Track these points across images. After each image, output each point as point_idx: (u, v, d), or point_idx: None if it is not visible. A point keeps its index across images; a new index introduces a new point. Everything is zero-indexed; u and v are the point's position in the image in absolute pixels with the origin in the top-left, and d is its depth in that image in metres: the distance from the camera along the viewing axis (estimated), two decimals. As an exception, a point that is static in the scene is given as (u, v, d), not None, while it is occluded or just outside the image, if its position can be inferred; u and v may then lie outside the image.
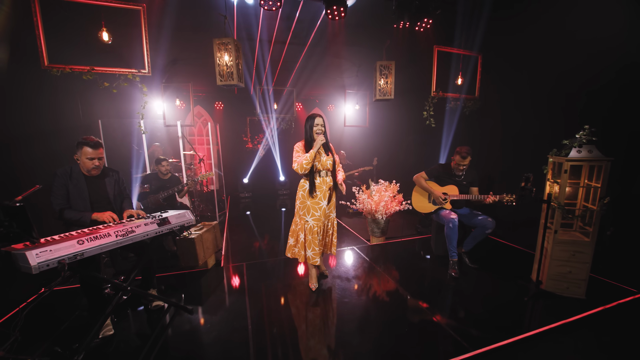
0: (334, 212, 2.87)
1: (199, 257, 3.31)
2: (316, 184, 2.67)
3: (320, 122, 2.61)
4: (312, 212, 2.68)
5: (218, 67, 3.06)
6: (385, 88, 4.07)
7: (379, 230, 4.10)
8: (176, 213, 2.54)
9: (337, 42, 4.55)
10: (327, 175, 2.71)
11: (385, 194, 3.94)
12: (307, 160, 2.53)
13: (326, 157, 2.68)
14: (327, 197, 2.71)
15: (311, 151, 2.54)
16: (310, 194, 2.64)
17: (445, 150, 4.69)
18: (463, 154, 3.22)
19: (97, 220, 2.39)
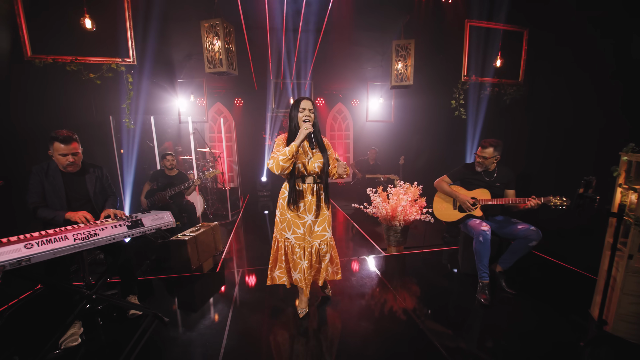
0: (328, 231, 2.19)
1: (191, 260, 3.07)
2: (298, 192, 2.12)
3: (309, 107, 2.05)
4: (292, 228, 2.14)
5: (207, 52, 2.78)
6: (403, 72, 3.48)
7: (396, 239, 3.56)
8: (153, 215, 2.29)
9: (352, 26, 4.07)
10: (314, 180, 2.13)
11: (404, 197, 3.39)
12: (285, 157, 1.91)
13: (313, 157, 2.10)
14: (315, 211, 2.13)
15: (292, 144, 1.92)
16: (288, 205, 2.10)
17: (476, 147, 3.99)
18: (483, 144, 2.68)
19: (71, 220, 2.21)
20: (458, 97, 3.67)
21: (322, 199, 2.17)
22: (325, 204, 2.19)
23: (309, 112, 2.05)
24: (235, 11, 3.80)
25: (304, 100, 2.06)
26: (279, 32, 4.41)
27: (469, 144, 3.90)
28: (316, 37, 4.70)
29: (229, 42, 2.86)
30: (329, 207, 2.22)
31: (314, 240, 2.18)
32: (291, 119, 2.11)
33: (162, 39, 3.46)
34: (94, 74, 2.72)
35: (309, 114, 2.05)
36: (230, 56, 2.86)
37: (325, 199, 2.19)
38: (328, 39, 4.80)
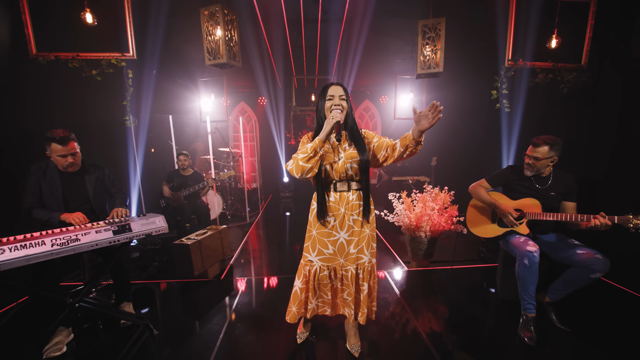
0: (367, 254, 1.70)
1: (194, 266, 2.90)
2: (329, 203, 1.68)
3: (338, 93, 1.62)
4: (318, 248, 1.70)
5: (206, 43, 2.57)
6: (432, 58, 2.97)
7: (421, 252, 3.10)
8: (143, 219, 2.12)
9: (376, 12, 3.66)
10: (350, 187, 1.66)
11: (431, 205, 2.93)
12: (306, 155, 1.49)
13: (345, 156, 1.62)
14: (347, 226, 1.68)
15: (316, 138, 1.52)
16: (318, 218, 1.68)
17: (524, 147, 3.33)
18: (535, 141, 2.13)
19: (66, 222, 2.13)
20: (500, 86, 3.07)
21: (360, 211, 1.68)
22: (365, 218, 1.68)
23: (339, 99, 1.61)
24: (249, 3, 3.59)
25: (331, 87, 1.64)
26: (297, 23, 4.13)
27: (513, 143, 3.26)
28: (338, 27, 4.34)
29: (232, 30, 2.63)
30: (370, 221, 1.71)
31: (349, 265, 1.70)
32: (318, 111, 1.70)
33: (180, 37, 3.36)
34: (95, 70, 2.67)
35: (339, 101, 1.60)
36: (232, 46, 2.63)
37: (365, 210, 1.68)
38: (351, 29, 4.43)
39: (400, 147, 1.54)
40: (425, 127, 1.42)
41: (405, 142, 1.53)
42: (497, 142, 3.36)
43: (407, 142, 1.53)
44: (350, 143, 1.67)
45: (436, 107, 1.39)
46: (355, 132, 1.68)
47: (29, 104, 2.80)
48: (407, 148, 1.52)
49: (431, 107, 1.40)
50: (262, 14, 3.86)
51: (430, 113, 1.41)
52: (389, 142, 1.64)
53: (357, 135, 1.67)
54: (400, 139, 1.58)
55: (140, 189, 3.38)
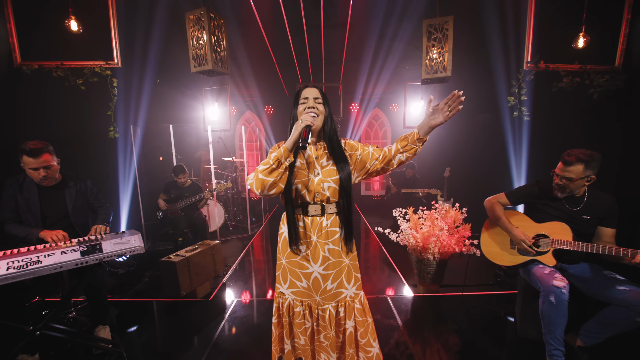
0: (349, 288, 1.42)
1: (181, 285, 2.71)
2: (299, 229, 1.40)
3: (313, 95, 1.37)
4: (289, 279, 1.44)
5: (192, 49, 2.42)
6: (438, 61, 2.68)
7: (429, 276, 2.79)
8: (117, 238, 1.95)
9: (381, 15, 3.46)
10: (324, 211, 1.39)
11: (440, 224, 2.62)
12: (266, 167, 1.22)
13: (322, 173, 1.36)
14: (321, 258, 1.39)
15: (282, 146, 1.26)
16: (290, 246, 1.42)
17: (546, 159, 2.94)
18: (567, 158, 1.78)
19: (45, 240, 1.98)
20: (518, 91, 2.74)
21: (339, 239, 1.40)
22: (346, 245, 1.42)
23: (313, 101, 1.36)
24: (248, 9, 3.47)
25: (306, 89, 1.39)
26: (300, 29, 3.98)
27: (534, 155, 2.90)
28: (342, 33, 4.16)
29: (219, 35, 2.48)
30: (351, 250, 1.44)
31: (326, 303, 1.41)
32: (291, 119, 1.43)
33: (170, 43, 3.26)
34: (80, 80, 2.58)
35: (314, 104, 1.35)
36: (218, 52, 2.47)
37: (346, 238, 1.41)
38: (356, 35, 4.24)
39: (399, 147, 1.32)
40: (439, 122, 1.24)
41: (406, 142, 1.31)
42: (515, 153, 3.00)
43: (408, 141, 1.31)
44: (329, 157, 1.40)
45: (457, 96, 1.21)
46: (335, 143, 1.40)
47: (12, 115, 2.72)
48: (408, 149, 1.31)
49: (451, 96, 1.21)
50: (262, 20, 3.73)
51: (447, 106, 1.22)
52: (379, 149, 1.42)
53: (337, 148, 1.40)
54: (400, 139, 1.35)
55: (130, 202, 3.25)
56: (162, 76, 4.13)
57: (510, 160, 3.06)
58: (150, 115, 3.95)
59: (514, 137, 2.88)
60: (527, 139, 2.85)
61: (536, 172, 3.04)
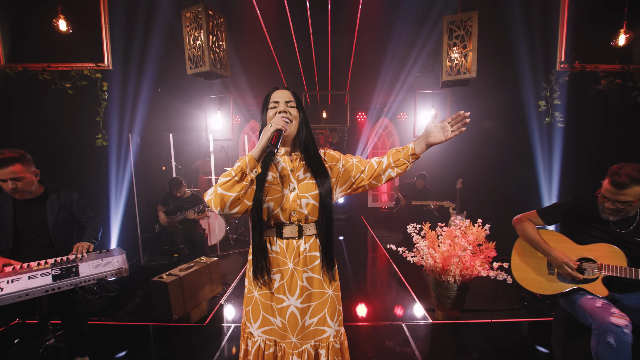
0: (332, 325, 1.19)
1: (173, 308, 2.45)
2: (271, 255, 1.18)
3: (284, 98, 1.19)
4: (262, 315, 1.19)
5: (188, 49, 2.24)
6: (461, 62, 2.43)
7: (449, 300, 2.49)
8: (97, 259, 1.72)
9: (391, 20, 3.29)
10: (301, 232, 1.17)
11: (461, 242, 2.35)
12: (227, 179, 1.01)
13: (299, 188, 1.17)
14: (299, 288, 1.17)
15: (250, 153, 1.06)
16: (255, 276, 1.18)
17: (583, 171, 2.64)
18: (620, 180, 1.49)
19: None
20: (549, 95, 2.49)
21: (319, 265, 1.19)
22: (327, 273, 1.20)
23: (284, 105, 1.18)
24: (252, 13, 3.32)
25: (275, 92, 1.21)
26: (306, 34, 3.82)
27: (567, 165, 2.60)
28: (350, 38, 4.00)
29: (218, 34, 2.30)
30: (333, 279, 1.22)
31: (304, 343, 1.18)
32: (261, 125, 1.24)
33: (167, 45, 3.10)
34: (69, 83, 2.42)
35: (286, 107, 1.17)
36: (217, 52, 2.29)
37: (328, 264, 1.19)
38: (365, 40, 4.07)
39: (391, 161, 1.18)
40: (438, 141, 1.15)
41: (399, 156, 1.17)
42: (546, 164, 2.71)
43: (401, 155, 1.16)
44: (307, 169, 1.21)
45: (463, 117, 1.13)
46: (312, 153, 1.22)
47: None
48: (400, 164, 1.18)
49: (456, 116, 1.13)
50: (266, 25, 3.58)
51: (450, 125, 1.14)
52: (364, 161, 1.26)
53: (316, 158, 1.22)
54: (392, 153, 1.19)
55: (123, 215, 3.02)
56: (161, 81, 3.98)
57: (539, 173, 2.76)
58: (148, 122, 3.78)
59: (545, 146, 2.60)
60: (560, 149, 2.55)
61: (570, 185, 2.74)
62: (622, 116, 2.47)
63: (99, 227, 2.16)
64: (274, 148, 1.01)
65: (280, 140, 1.04)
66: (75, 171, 2.77)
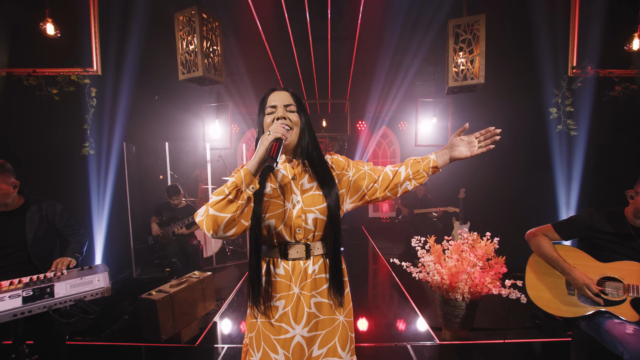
0: (343, 354, 1.04)
1: (161, 328, 2.28)
2: (274, 279, 1.04)
3: (283, 101, 1.04)
4: (263, 347, 1.04)
5: (180, 54, 2.15)
6: (467, 67, 2.32)
7: (457, 320, 2.33)
8: (77, 278, 1.58)
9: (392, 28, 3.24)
10: (309, 252, 1.03)
11: (469, 257, 2.20)
12: (219, 198, 0.86)
13: (303, 200, 1.02)
14: (306, 315, 1.01)
15: (245, 166, 0.90)
16: (255, 303, 1.03)
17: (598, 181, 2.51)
18: None
19: None
20: (562, 101, 2.38)
21: (327, 289, 1.05)
22: (336, 297, 1.05)
23: (283, 109, 1.03)
24: (251, 20, 3.27)
25: (272, 94, 1.06)
26: (306, 42, 3.76)
27: (583, 176, 2.47)
28: (350, 46, 3.94)
29: (212, 39, 2.21)
30: (342, 303, 1.07)
31: None
32: (257, 133, 1.10)
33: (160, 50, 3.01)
34: (56, 89, 2.32)
35: (285, 112, 1.03)
36: (212, 57, 2.19)
37: (337, 287, 1.04)
38: (365, 48, 4.02)
39: (410, 173, 1.06)
40: (463, 156, 1.05)
41: (419, 167, 1.06)
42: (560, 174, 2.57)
43: (421, 167, 1.06)
44: (312, 177, 1.06)
45: (493, 133, 1.05)
46: (316, 161, 1.07)
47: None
48: (419, 176, 1.07)
49: (485, 131, 1.06)
50: (265, 32, 3.52)
51: (477, 140, 1.05)
52: (378, 169, 1.12)
53: (321, 165, 1.07)
54: (410, 163, 1.09)
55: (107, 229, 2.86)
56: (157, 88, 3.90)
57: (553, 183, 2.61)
58: (143, 130, 3.69)
59: (557, 155, 2.47)
60: (575, 158, 2.40)
61: (588, 197, 2.60)
62: (637, 123, 2.36)
63: (84, 241, 2.03)
64: (273, 162, 0.86)
65: (281, 150, 0.90)
66: (60, 181, 2.64)
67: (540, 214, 2.67)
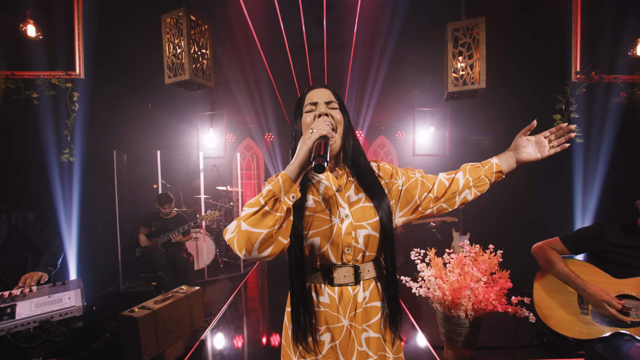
0: None
1: (143, 348, 2.12)
2: (318, 309, 0.88)
3: (325, 98, 0.92)
4: None
5: (167, 57, 2.08)
6: (467, 72, 2.24)
7: (460, 338, 2.18)
8: (44, 297, 1.44)
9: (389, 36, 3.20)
10: (359, 276, 0.88)
11: (472, 271, 2.08)
12: (254, 209, 0.72)
13: (352, 213, 0.87)
14: (355, 355, 0.86)
15: (284, 171, 0.76)
16: (296, 340, 0.87)
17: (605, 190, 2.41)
18: None
19: None
20: (565, 108, 2.31)
21: (378, 321, 0.89)
22: (392, 330, 0.90)
23: (325, 106, 0.90)
24: (245, 29, 3.23)
25: (312, 91, 0.94)
26: (301, 50, 3.72)
27: (589, 185, 2.37)
28: (347, 55, 3.91)
29: (202, 42, 2.14)
30: (399, 338, 0.93)
31: None
32: (293, 137, 0.97)
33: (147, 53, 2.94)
34: (35, 92, 2.23)
35: (327, 110, 0.90)
36: (199, 60, 2.12)
37: (393, 319, 0.90)
38: (362, 57, 3.99)
39: (470, 179, 0.93)
40: (532, 159, 0.93)
41: (480, 173, 0.92)
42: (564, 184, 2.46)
43: (482, 172, 0.91)
44: (358, 188, 0.91)
45: (567, 130, 0.93)
46: (363, 167, 0.93)
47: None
48: (481, 184, 0.93)
49: (557, 129, 0.94)
50: (260, 40, 3.48)
51: (547, 140, 0.94)
52: (431, 177, 0.98)
53: (369, 174, 0.93)
54: (468, 169, 0.94)
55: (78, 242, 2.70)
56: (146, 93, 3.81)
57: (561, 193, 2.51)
58: (133, 138, 3.58)
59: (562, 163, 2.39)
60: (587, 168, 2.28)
61: (594, 207, 2.50)
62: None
63: (58, 253, 1.90)
64: (324, 160, 0.71)
65: (329, 150, 0.75)
66: (37, 189, 2.52)
67: (542, 224, 2.56)
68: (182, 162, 4.79)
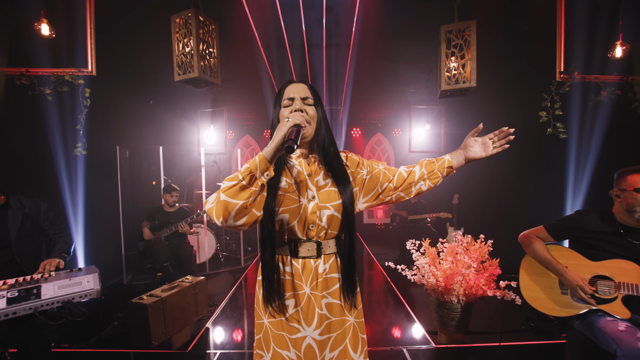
0: (356, 356, 1.02)
1: (152, 333, 2.22)
2: (284, 277, 1.02)
3: (301, 94, 1.02)
4: (272, 349, 1.02)
5: (176, 55, 2.17)
6: (460, 72, 2.39)
7: (453, 323, 2.32)
8: (65, 279, 1.54)
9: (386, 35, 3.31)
10: (321, 250, 1.02)
11: (464, 259, 2.21)
12: (232, 183, 0.83)
13: (319, 196, 1.00)
14: (317, 317, 1.00)
15: (260, 153, 0.88)
16: (266, 302, 1.01)
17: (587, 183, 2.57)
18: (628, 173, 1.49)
19: None
20: (551, 105, 2.45)
21: (337, 290, 1.03)
22: (349, 297, 1.04)
23: (301, 102, 1.01)
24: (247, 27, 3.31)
25: (289, 86, 1.04)
26: (301, 49, 3.82)
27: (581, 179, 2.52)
28: (345, 53, 4.02)
29: (209, 41, 2.24)
30: (355, 305, 1.06)
31: None
32: (272, 125, 1.07)
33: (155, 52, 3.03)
34: (49, 89, 2.31)
35: (302, 105, 1.01)
36: (208, 59, 2.22)
37: (349, 288, 1.03)
38: (360, 56, 4.09)
39: (425, 172, 1.08)
40: (479, 156, 1.08)
41: (433, 167, 1.08)
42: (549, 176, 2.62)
43: (435, 167, 1.07)
44: (327, 174, 1.05)
45: (507, 133, 1.07)
46: (333, 156, 1.05)
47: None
48: (433, 177, 1.08)
49: (499, 132, 1.08)
50: (261, 39, 3.57)
51: (491, 141, 1.08)
52: (392, 169, 1.12)
53: (337, 162, 1.06)
54: (425, 163, 1.09)
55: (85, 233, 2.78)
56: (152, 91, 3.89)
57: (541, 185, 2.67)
58: (137, 134, 3.67)
59: (546, 158, 2.54)
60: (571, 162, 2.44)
61: (579, 199, 2.66)
62: (623, 128, 2.45)
63: (70, 241, 1.99)
64: (294, 143, 0.84)
65: (300, 137, 0.88)
66: (51, 181, 2.60)
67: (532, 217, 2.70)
68: (183, 158, 4.87)
